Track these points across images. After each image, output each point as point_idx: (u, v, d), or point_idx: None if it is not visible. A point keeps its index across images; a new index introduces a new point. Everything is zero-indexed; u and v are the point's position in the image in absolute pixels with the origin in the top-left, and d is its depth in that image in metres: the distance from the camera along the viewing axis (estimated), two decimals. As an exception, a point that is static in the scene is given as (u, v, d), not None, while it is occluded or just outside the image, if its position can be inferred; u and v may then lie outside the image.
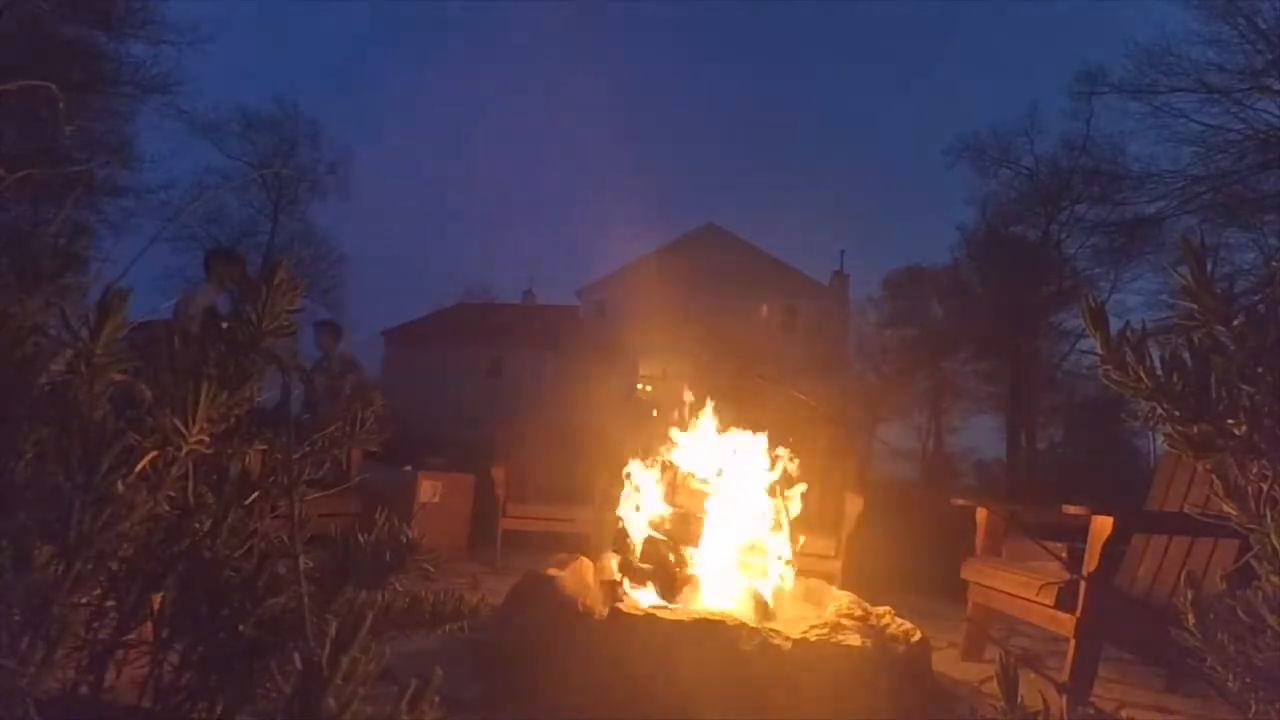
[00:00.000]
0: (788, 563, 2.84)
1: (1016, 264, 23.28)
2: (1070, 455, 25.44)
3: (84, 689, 0.84)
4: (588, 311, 26.77)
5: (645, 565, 2.79)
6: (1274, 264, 14.62)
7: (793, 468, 2.96)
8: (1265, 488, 0.77)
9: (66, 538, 0.74)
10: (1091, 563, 2.45)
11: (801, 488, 2.95)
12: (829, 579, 3.49)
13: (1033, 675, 2.94)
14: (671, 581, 2.69)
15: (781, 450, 2.97)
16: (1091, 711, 0.94)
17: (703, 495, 2.89)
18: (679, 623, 2.24)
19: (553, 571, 2.68)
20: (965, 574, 3.22)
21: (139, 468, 0.82)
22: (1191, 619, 0.83)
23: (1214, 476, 0.81)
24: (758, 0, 62.49)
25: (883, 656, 2.23)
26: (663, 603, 2.63)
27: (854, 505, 4.12)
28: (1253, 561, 0.78)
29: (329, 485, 1.05)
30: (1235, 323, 0.78)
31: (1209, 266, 0.81)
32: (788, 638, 2.19)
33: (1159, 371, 0.81)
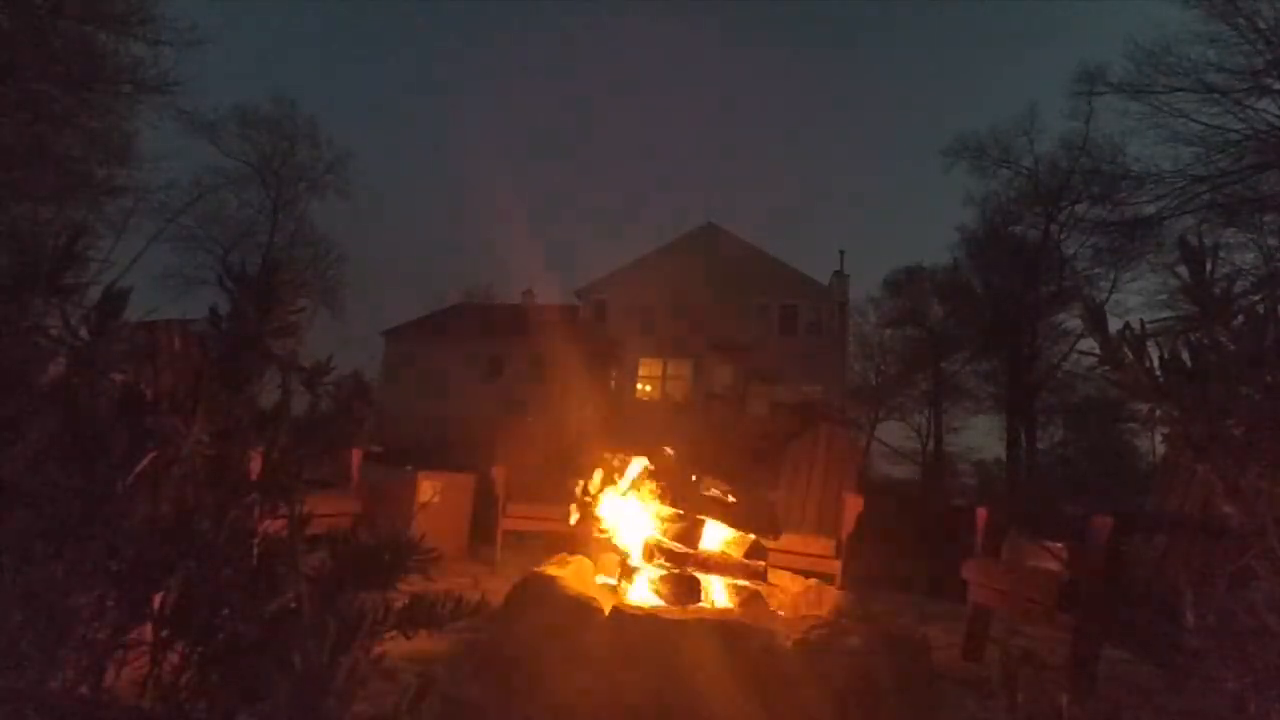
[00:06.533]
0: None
1: (1016, 264, 23.28)
2: (1070, 455, 25.44)
3: (84, 689, 0.84)
4: (588, 311, 26.74)
5: (646, 566, 2.79)
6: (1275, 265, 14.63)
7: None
8: (1265, 488, 0.77)
9: (66, 538, 0.73)
10: (1091, 562, 2.45)
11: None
12: (829, 579, 3.49)
13: (1033, 675, 2.93)
14: (672, 582, 2.69)
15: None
16: (1092, 711, 0.94)
17: (704, 498, 2.89)
18: (679, 622, 2.24)
19: (553, 571, 2.68)
20: (965, 574, 3.22)
21: (139, 468, 0.82)
22: (1192, 619, 0.83)
23: (1214, 476, 0.81)
24: (757, 0, 62.52)
25: (883, 656, 2.23)
26: (663, 603, 2.64)
27: (854, 505, 4.12)
28: (1252, 561, 0.78)
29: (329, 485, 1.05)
30: (1234, 323, 0.78)
31: (1208, 267, 0.81)
32: (788, 638, 2.19)
33: (1158, 372, 0.81)
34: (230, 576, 0.91)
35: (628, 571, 2.83)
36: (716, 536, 2.90)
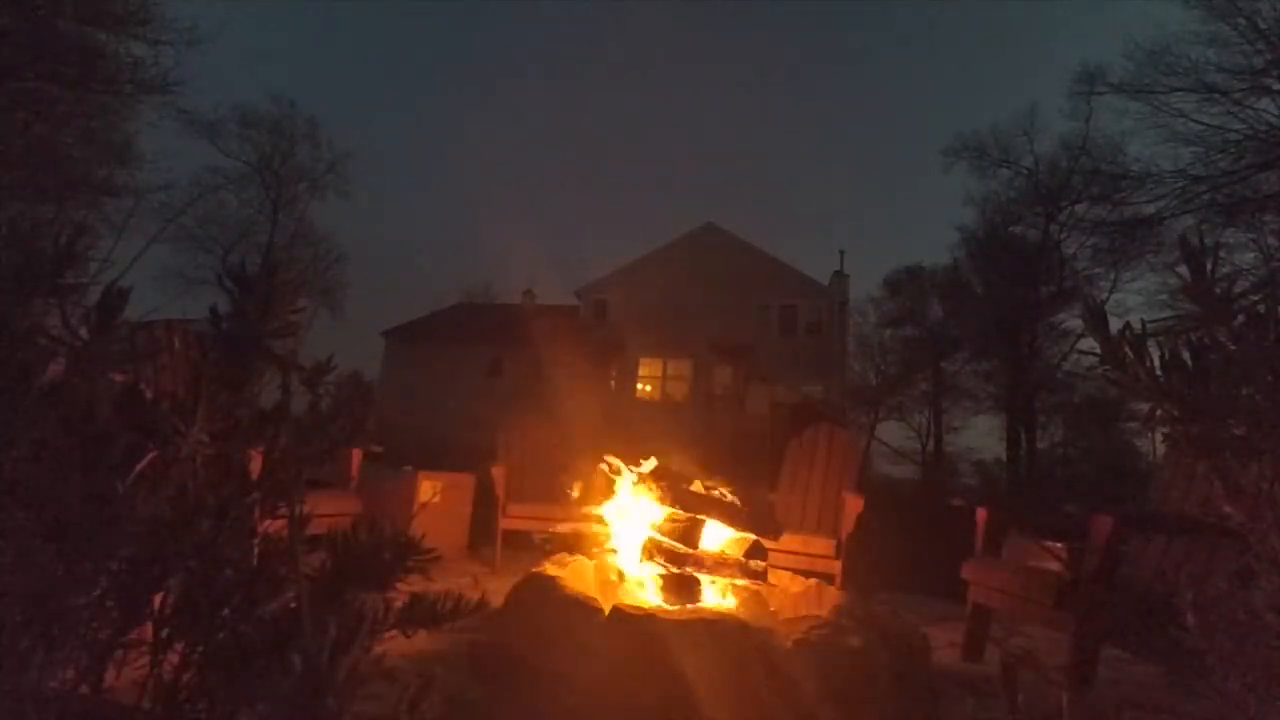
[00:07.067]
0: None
1: (1016, 264, 23.26)
2: (1070, 455, 25.43)
3: (84, 689, 0.84)
4: (588, 311, 26.74)
5: (646, 566, 2.79)
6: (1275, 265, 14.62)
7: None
8: (1265, 488, 0.77)
9: (66, 538, 0.73)
10: (1092, 562, 2.45)
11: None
12: (829, 579, 3.49)
13: (1033, 675, 2.93)
14: (672, 581, 2.69)
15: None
16: (1092, 711, 0.94)
17: (704, 498, 2.89)
18: (679, 622, 2.24)
19: (553, 571, 2.68)
20: (965, 574, 3.22)
21: (139, 468, 0.82)
22: (1192, 619, 0.83)
23: (1214, 476, 0.81)
24: (758, 0, 62.53)
25: (883, 656, 2.23)
26: (663, 603, 2.64)
27: (854, 505, 4.12)
28: (1253, 561, 0.78)
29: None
30: (1235, 323, 0.78)
31: (1208, 267, 0.81)
32: (788, 638, 2.19)
33: (1158, 372, 0.81)
34: (230, 576, 0.91)
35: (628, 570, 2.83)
36: (716, 536, 2.90)
